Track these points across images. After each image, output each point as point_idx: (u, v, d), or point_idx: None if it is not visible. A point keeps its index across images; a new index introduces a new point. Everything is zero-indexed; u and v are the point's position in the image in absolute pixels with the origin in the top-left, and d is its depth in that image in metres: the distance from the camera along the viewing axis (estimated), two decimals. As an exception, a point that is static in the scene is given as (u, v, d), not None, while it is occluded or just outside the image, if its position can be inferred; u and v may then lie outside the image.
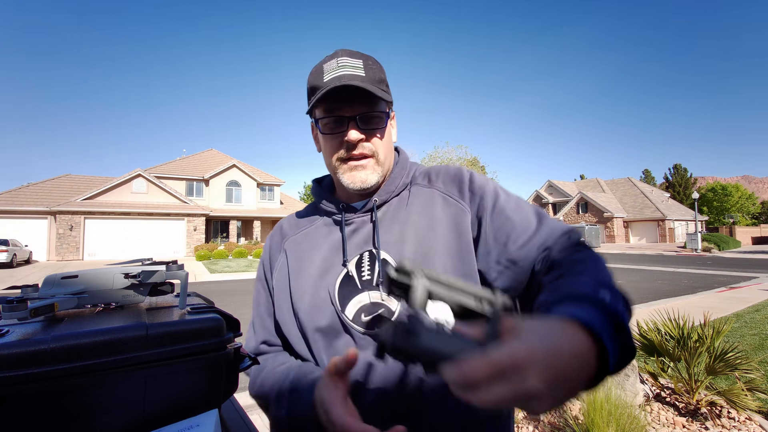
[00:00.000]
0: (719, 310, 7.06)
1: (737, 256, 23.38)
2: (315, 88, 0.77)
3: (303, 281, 0.81)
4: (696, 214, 29.49)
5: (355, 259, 0.79)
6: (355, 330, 0.75)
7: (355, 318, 0.75)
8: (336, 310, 0.77)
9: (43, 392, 0.61)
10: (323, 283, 0.79)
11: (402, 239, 0.78)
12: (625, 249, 32.25)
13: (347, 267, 0.79)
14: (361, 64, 0.77)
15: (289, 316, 0.82)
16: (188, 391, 0.75)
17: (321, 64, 0.78)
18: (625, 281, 12.18)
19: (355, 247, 0.80)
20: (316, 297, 0.78)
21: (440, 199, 0.81)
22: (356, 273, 0.78)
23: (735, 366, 2.75)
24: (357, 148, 0.77)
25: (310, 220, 0.90)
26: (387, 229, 0.80)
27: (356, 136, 0.75)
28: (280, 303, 0.83)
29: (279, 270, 0.86)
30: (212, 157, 33.25)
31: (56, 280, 0.83)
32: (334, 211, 0.85)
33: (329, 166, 0.83)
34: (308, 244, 0.85)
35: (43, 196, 23.84)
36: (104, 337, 0.66)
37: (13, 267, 18.37)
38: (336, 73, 0.75)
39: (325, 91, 0.72)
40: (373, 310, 0.75)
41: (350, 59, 0.76)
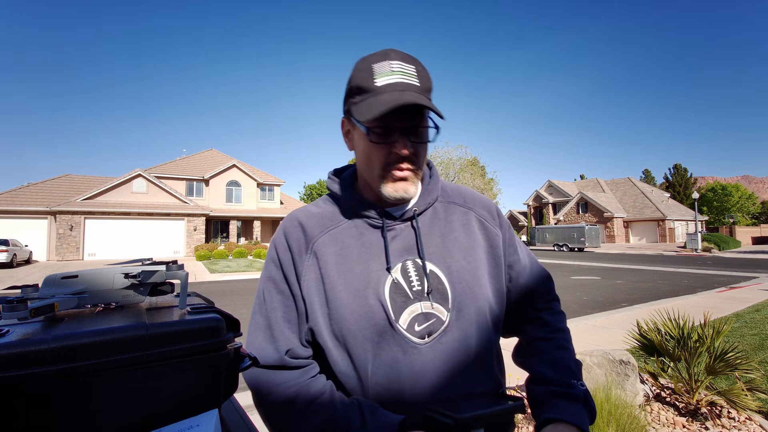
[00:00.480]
0: (719, 310, 7.06)
1: (737, 256, 23.38)
2: (363, 90, 0.73)
3: (343, 287, 0.76)
4: (696, 214, 29.49)
5: (398, 266, 0.78)
6: (409, 340, 0.74)
7: (409, 328, 0.75)
8: (390, 319, 0.74)
9: (43, 392, 0.61)
10: (370, 290, 0.76)
11: (448, 252, 0.81)
12: (625, 249, 32.25)
13: (392, 274, 0.77)
14: (414, 70, 0.74)
15: (325, 324, 0.76)
16: (188, 391, 0.75)
17: (368, 62, 0.73)
18: (625, 281, 12.19)
19: (396, 254, 0.79)
20: (366, 305, 0.75)
21: (476, 221, 0.87)
22: (404, 282, 0.77)
23: (735, 366, 2.74)
24: (404, 161, 0.75)
25: (332, 218, 0.83)
26: (427, 239, 0.81)
27: (407, 150, 0.74)
28: (314, 310, 0.77)
29: (309, 275, 0.78)
30: (212, 157, 33.24)
31: (56, 280, 0.83)
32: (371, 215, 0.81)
33: (367, 173, 0.79)
34: (338, 247, 0.79)
35: (43, 196, 23.83)
36: (104, 337, 0.66)
37: (13, 267, 18.36)
38: (390, 78, 0.71)
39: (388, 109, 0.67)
40: (425, 321, 0.75)
41: (404, 64, 0.73)
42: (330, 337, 0.76)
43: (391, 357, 0.74)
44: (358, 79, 0.74)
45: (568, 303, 8.43)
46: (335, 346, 0.76)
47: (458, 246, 0.82)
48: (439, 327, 0.76)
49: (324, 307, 0.76)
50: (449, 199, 0.89)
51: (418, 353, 0.74)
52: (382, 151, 0.75)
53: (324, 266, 0.78)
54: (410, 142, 0.74)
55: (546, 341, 0.83)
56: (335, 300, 0.76)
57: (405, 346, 0.74)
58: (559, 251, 32.57)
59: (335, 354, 0.76)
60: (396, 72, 0.72)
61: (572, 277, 13.63)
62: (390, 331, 0.74)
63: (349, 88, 0.77)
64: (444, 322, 0.76)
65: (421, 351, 0.74)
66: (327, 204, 0.87)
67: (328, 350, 0.76)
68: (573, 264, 19.29)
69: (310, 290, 0.78)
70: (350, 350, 0.75)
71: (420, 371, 0.73)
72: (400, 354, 0.74)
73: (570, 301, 8.73)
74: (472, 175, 35.64)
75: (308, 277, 0.78)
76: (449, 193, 0.90)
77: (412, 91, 0.72)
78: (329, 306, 0.76)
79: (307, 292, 0.78)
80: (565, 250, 32.73)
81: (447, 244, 0.82)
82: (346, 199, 0.84)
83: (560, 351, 0.81)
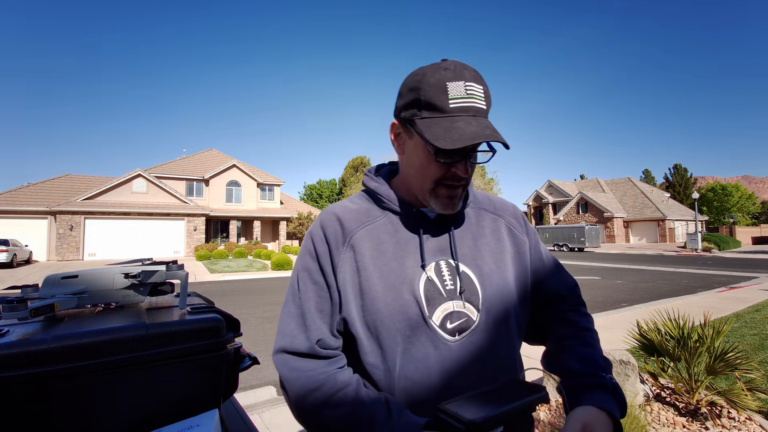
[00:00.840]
0: (719, 310, 7.06)
1: (737, 256, 23.38)
2: (434, 107, 0.73)
3: (379, 280, 0.78)
4: (696, 214, 29.49)
5: (432, 265, 0.81)
6: (441, 336, 0.77)
7: (441, 324, 0.77)
8: (424, 314, 0.77)
9: (43, 392, 0.61)
10: (405, 286, 0.78)
11: (479, 255, 0.85)
12: (625, 249, 32.26)
13: (426, 272, 0.80)
14: (483, 92, 0.75)
15: (358, 315, 0.78)
16: (188, 391, 0.75)
17: (443, 78, 0.73)
18: (626, 281, 12.19)
19: (430, 253, 0.82)
20: (400, 299, 0.77)
21: (505, 228, 0.92)
22: (438, 280, 0.80)
23: (735, 366, 2.74)
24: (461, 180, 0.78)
25: (368, 214, 0.86)
26: (459, 241, 0.85)
27: (467, 173, 0.77)
28: (348, 301, 0.78)
29: (345, 267, 0.80)
30: (212, 157, 33.26)
31: (56, 280, 0.83)
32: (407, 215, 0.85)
33: (418, 183, 0.81)
34: (375, 242, 0.82)
35: (43, 196, 23.84)
36: (104, 337, 0.66)
37: (13, 267, 18.37)
38: (463, 102, 0.72)
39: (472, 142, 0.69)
40: (457, 319, 0.78)
41: (475, 86, 0.74)
42: (362, 328, 0.78)
43: (422, 351, 0.76)
44: (429, 94, 0.73)
45: (568, 303, 8.42)
46: (367, 336, 0.78)
47: (489, 250, 0.86)
48: (469, 326, 0.79)
49: (358, 298, 0.78)
50: (480, 206, 0.93)
51: (449, 349, 0.76)
52: (441, 169, 0.77)
53: (360, 259, 0.80)
54: (469, 163, 0.77)
55: (573, 339, 0.85)
56: (370, 292, 0.78)
57: (436, 342, 0.76)
58: (559, 251, 32.58)
59: (366, 344, 0.78)
60: (470, 95, 0.73)
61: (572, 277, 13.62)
62: (423, 326, 0.77)
63: (415, 98, 0.75)
64: (474, 321, 0.79)
65: (452, 347, 0.77)
66: (362, 201, 0.90)
67: (360, 340, 0.78)
68: (573, 264, 19.30)
69: (345, 282, 0.79)
70: (381, 341, 0.77)
71: (450, 367, 0.76)
72: (432, 349, 0.76)
73: (570, 301, 8.71)
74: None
75: (344, 269, 0.80)
76: (479, 200, 0.94)
77: (483, 116, 0.74)
78: (364, 298, 0.78)
79: (342, 283, 0.79)
80: (565, 250, 32.74)
81: (479, 248, 0.86)
82: (384, 197, 0.87)
83: (587, 348, 0.83)
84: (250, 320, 7.17)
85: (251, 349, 5.49)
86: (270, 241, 31.69)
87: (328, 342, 0.79)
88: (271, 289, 11.47)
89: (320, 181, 62.75)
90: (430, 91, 0.73)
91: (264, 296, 10.13)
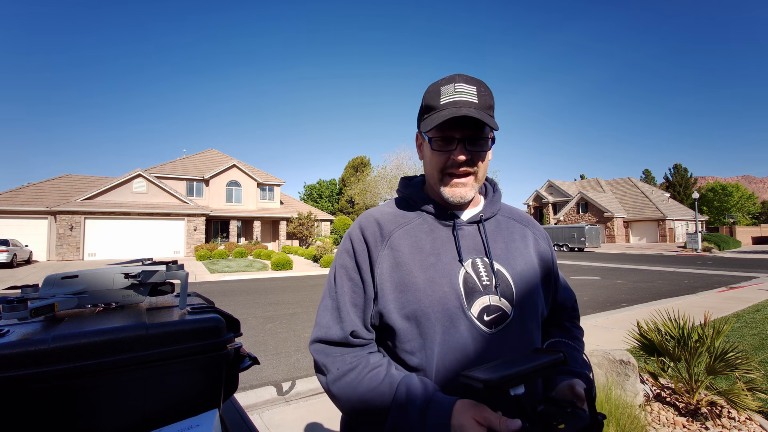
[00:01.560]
0: (719, 310, 7.06)
1: (737, 256, 23.37)
2: (431, 108, 0.86)
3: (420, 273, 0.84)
4: (696, 214, 29.48)
5: (468, 261, 0.87)
6: (479, 327, 0.82)
7: (479, 316, 0.83)
8: (463, 306, 0.82)
9: (43, 392, 0.61)
10: (445, 279, 0.84)
11: (511, 256, 0.92)
12: (625, 249, 32.25)
13: (464, 267, 0.86)
14: (475, 90, 0.84)
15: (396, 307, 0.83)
16: (188, 391, 0.75)
17: (438, 86, 0.87)
18: (626, 281, 12.19)
19: (466, 251, 0.88)
20: (441, 291, 0.82)
21: (532, 237, 1.00)
22: (474, 275, 0.86)
23: (735, 366, 2.74)
24: (461, 166, 0.86)
25: (404, 216, 0.93)
26: (492, 243, 0.92)
27: (462, 156, 0.84)
28: (385, 294, 0.84)
29: (383, 263, 0.86)
30: (212, 157, 33.24)
31: (56, 280, 0.83)
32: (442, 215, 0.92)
33: (431, 177, 0.92)
34: (412, 240, 0.89)
35: (43, 196, 23.83)
36: (104, 337, 0.66)
37: (13, 267, 18.36)
38: (452, 98, 0.84)
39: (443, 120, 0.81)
40: (493, 312, 0.84)
41: (466, 86, 0.84)
42: (401, 319, 0.83)
43: (461, 341, 0.81)
44: (428, 100, 0.87)
45: (568, 303, 8.42)
46: (405, 327, 0.83)
47: (519, 253, 0.94)
48: (504, 319, 0.84)
49: (397, 291, 0.84)
50: (508, 215, 1.01)
51: (486, 340, 0.82)
52: (442, 157, 0.86)
53: (399, 256, 0.86)
54: (466, 149, 0.84)
55: (562, 343, 0.96)
56: (412, 284, 0.83)
57: (474, 333, 0.81)
58: (559, 251, 32.56)
59: (405, 334, 0.83)
60: (458, 93, 0.84)
61: (572, 277, 13.63)
62: (462, 317, 0.82)
63: (421, 107, 0.91)
64: (509, 315, 0.85)
65: (488, 339, 0.82)
66: (398, 206, 0.98)
67: (398, 330, 0.83)
68: (573, 264, 19.29)
69: (383, 277, 0.85)
70: (422, 331, 0.82)
71: (488, 357, 0.80)
72: (470, 339, 0.81)
73: (570, 301, 8.71)
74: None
75: (383, 265, 0.86)
76: (509, 210, 1.03)
77: (470, 107, 0.82)
78: (405, 290, 0.83)
79: (380, 278, 0.85)
80: (566, 250, 32.73)
81: (510, 250, 0.93)
82: (418, 200, 0.95)
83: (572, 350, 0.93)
84: (250, 320, 7.17)
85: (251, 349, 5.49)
86: (270, 241, 31.68)
87: (361, 333, 0.85)
88: (271, 289, 11.47)
89: (320, 181, 62.69)
90: (428, 97, 0.88)
91: (264, 296, 10.13)
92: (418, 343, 0.82)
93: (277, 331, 6.34)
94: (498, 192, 1.03)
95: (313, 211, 33.23)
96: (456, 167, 0.86)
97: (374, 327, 0.88)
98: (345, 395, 0.79)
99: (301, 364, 4.65)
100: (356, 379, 0.78)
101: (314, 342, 0.86)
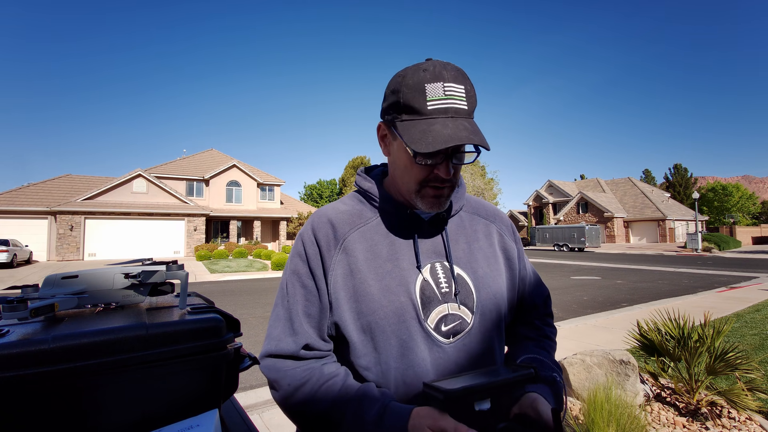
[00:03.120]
0: (719, 310, 7.06)
1: (737, 256, 23.37)
2: (413, 110, 0.72)
3: (375, 282, 0.78)
4: (696, 214, 29.48)
5: (427, 267, 0.81)
6: (435, 338, 0.77)
7: (436, 327, 0.78)
8: (419, 317, 0.77)
9: (43, 392, 0.61)
10: (401, 288, 0.78)
11: (473, 258, 0.86)
12: (625, 249, 32.24)
13: (422, 274, 0.80)
14: (464, 92, 0.73)
15: (351, 318, 0.77)
16: (188, 391, 0.75)
17: (422, 81, 0.71)
18: (626, 281, 12.19)
19: (425, 254, 0.82)
20: (396, 301, 0.77)
21: (497, 234, 0.93)
22: (433, 282, 0.80)
23: (735, 366, 2.74)
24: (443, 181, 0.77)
25: (360, 216, 0.85)
26: (454, 244, 0.85)
27: (449, 174, 0.75)
28: (340, 304, 0.78)
29: (337, 269, 0.79)
30: (212, 157, 33.24)
31: (56, 280, 0.83)
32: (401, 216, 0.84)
33: (404, 183, 0.80)
34: (368, 244, 0.81)
35: (43, 196, 23.84)
36: (104, 337, 0.66)
37: (13, 267, 18.37)
38: (441, 103, 0.71)
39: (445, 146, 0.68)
40: (451, 321, 0.79)
41: (455, 86, 0.72)
42: (356, 331, 0.77)
43: (418, 354, 0.76)
44: (408, 97, 0.72)
45: (569, 303, 8.43)
46: (361, 339, 0.77)
47: (483, 254, 0.87)
48: (463, 328, 0.79)
49: (352, 301, 0.78)
50: (473, 211, 0.94)
51: (443, 352, 0.77)
52: (423, 171, 0.76)
53: (354, 262, 0.79)
54: (452, 164, 0.75)
55: (532, 341, 0.90)
56: (366, 295, 0.77)
57: (431, 345, 0.77)
58: (559, 251, 32.56)
59: (360, 348, 0.77)
60: (448, 96, 0.71)
61: (572, 277, 13.62)
62: (418, 329, 0.77)
63: (395, 100, 0.75)
64: (468, 324, 0.80)
65: (446, 350, 0.77)
66: (354, 202, 0.89)
67: (353, 343, 0.78)
68: (573, 264, 19.29)
69: (337, 285, 0.78)
70: (377, 344, 0.76)
71: (445, 369, 0.76)
72: (426, 352, 0.76)
73: (570, 301, 8.72)
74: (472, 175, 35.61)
75: (336, 272, 0.79)
76: (473, 205, 0.95)
77: (462, 117, 0.72)
78: (358, 300, 0.77)
79: (333, 286, 0.79)
80: (566, 250, 32.73)
81: (472, 251, 0.86)
82: (377, 199, 0.86)
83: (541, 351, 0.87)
84: (250, 320, 7.17)
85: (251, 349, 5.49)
86: (270, 241, 31.68)
87: (316, 345, 0.79)
88: (271, 289, 11.47)
89: (320, 181, 62.70)
90: (408, 94, 0.72)
91: (264, 296, 10.13)
92: (373, 358, 0.76)
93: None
94: (462, 186, 0.92)
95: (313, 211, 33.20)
96: (439, 182, 0.76)
97: (331, 338, 0.81)
98: (299, 411, 0.74)
99: (301, 364, 4.65)
100: (310, 393, 0.73)
101: (264, 357, 0.79)
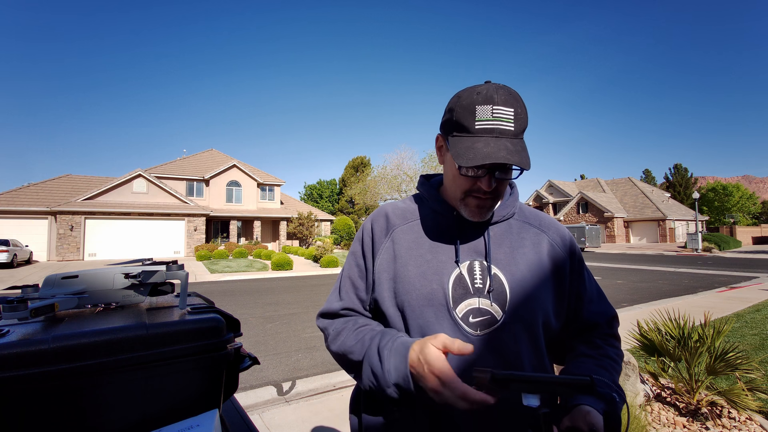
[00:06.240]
0: (720, 309, 7.06)
1: (738, 256, 23.36)
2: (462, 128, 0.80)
3: (413, 268, 0.88)
4: (696, 214, 29.46)
5: (466, 263, 0.87)
6: (462, 327, 0.83)
7: (464, 317, 0.83)
8: (448, 305, 0.84)
9: (43, 392, 0.61)
10: (435, 276, 0.86)
11: (514, 262, 0.89)
12: (625, 249, 32.22)
13: (459, 268, 0.87)
14: (512, 114, 0.78)
15: (389, 296, 0.89)
16: (188, 391, 0.75)
17: (473, 103, 0.78)
18: (626, 281, 12.18)
19: (466, 252, 0.89)
20: (429, 287, 0.85)
21: (547, 243, 0.94)
22: (468, 277, 0.86)
23: (735, 366, 2.74)
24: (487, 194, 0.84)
25: (412, 213, 0.97)
26: (496, 247, 0.90)
27: (491, 187, 0.82)
28: (381, 283, 0.90)
29: (384, 254, 0.92)
30: (212, 157, 33.24)
31: (57, 281, 0.83)
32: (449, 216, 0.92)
33: (451, 192, 0.90)
34: (414, 236, 0.92)
35: (43, 196, 23.83)
36: (104, 337, 0.66)
37: (13, 267, 18.36)
38: (488, 124, 0.77)
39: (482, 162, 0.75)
40: (479, 315, 0.84)
41: (503, 109, 0.77)
42: (393, 308, 0.88)
43: None
44: (460, 116, 0.80)
45: (569, 303, 8.40)
46: (396, 315, 0.88)
47: (525, 260, 0.90)
48: (492, 324, 0.83)
49: (392, 282, 0.89)
50: (525, 220, 0.97)
51: (469, 341, 0.81)
52: (467, 182, 0.84)
53: (398, 249, 0.91)
54: (494, 178, 0.81)
55: (591, 359, 0.87)
56: (404, 277, 0.88)
57: (457, 332, 0.82)
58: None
59: (394, 323, 0.88)
60: (496, 119, 0.77)
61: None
62: (446, 314, 0.84)
63: (450, 118, 0.84)
64: (498, 320, 0.84)
65: (472, 340, 0.82)
66: (411, 201, 1.01)
67: (390, 317, 0.89)
68: (573, 264, 19.23)
69: (381, 267, 0.91)
70: (407, 322, 0.86)
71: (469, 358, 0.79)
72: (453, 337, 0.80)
73: (570, 301, 8.70)
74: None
75: (383, 256, 0.92)
76: (526, 215, 0.99)
77: (507, 138, 0.78)
78: (397, 281, 0.88)
79: (378, 267, 0.91)
80: (566, 250, 32.64)
81: (515, 256, 0.90)
82: (429, 200, 0.97)
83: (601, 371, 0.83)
84: (250, 320, 7.17)
85: (251, 349, 5.48)
86: (270, 241, 31.68)
87: (358, 310, 0.93)
88: (271, 290, 11.47)
89: (320, 181, 62.65)
90: (461, 113, 0.80)
91: (264, 296, 10.13)
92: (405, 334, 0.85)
93: (277, 331, 6.34)
94: (515, 193, 0.98)
95: (314, 211, 33.22)
96: (481, 193, 0.84)
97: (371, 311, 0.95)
98: (339, 351, 0.88)
99: (301, 364, 4.65)
100: (346, 335, 0.87)
101: (318, 316, 0.97)
